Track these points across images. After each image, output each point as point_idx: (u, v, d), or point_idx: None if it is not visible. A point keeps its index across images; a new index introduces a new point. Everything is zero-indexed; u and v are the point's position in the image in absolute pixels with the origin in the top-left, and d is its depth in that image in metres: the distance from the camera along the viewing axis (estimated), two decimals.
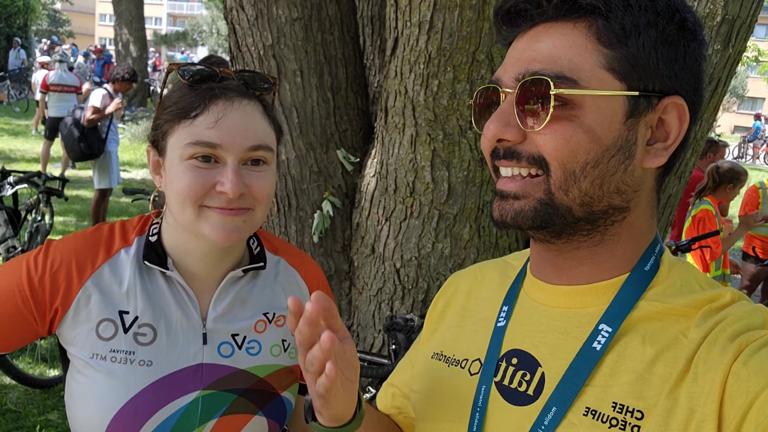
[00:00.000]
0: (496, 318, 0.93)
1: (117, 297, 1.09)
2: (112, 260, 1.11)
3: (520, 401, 0.82)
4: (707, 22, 2.27)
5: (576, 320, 0.83)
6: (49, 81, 10.48)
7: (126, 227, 1.16)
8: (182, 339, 1.11)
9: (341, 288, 2.57)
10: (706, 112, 2.44)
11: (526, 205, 0.79)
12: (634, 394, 0.74)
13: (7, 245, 4.42)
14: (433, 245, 2.29)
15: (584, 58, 0.76)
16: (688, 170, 2.60)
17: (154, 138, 1.10)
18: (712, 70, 2.33)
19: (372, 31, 2.88)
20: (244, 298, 1.17)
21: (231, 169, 1.03)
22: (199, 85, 1.06)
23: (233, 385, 1.12)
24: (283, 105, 2.38)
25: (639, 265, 0.83)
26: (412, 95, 2.17)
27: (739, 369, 0.68)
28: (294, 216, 2.51)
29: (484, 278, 1.04)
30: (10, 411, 3.79)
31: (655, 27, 0.77)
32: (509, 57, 0.83)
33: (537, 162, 0.78)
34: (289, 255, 1.28)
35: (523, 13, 0.80)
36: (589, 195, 0.78)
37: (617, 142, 0.77)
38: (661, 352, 0.75)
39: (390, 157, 2.31)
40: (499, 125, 0.79)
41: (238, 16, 2.34)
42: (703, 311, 0.76)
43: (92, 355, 1.07)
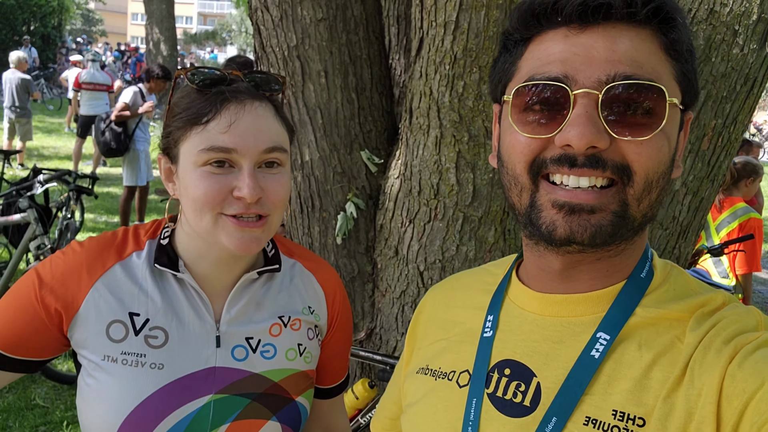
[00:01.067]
0: (482, 328, 0.90)
1: (128, 299, 1.08)
2: (123, 262, 1.11)
3: (516, 413, 0.80)
4: (743, 20, 2.20)
5: (570, 329, 0.81)
6: (81, 79, 10.70)
7: (138, 231, 1.15)
8: (195, 342, 1.09)
9: (364, 290, 2.55)
10: (741, 113, 2.37)
11: (604, 219, 0.75)
12: (633, 401, 0.73)
13: (38, 242, 4.49)
14: (457, 248, 2.26)
15: (662, 67, 0.75)
16: (721, 173, 2.54)
17: (165, 145, 1.10)
18: (748, 70, 2.26)
19: (398, 31, 2.85)
20: (259, 301, 1.16)
21: (247, 173, 1.02)
22: (208, 90, 1.05)
23: (246, 390, 1.11)
24: (308, 106, 2.37)
25: (635, 272, 0.82)
26: (437, 96, 2.14)
27: (734, 371, 0.68)
28: (317, 217, 2.50)
29: (462, 287, 1.01)
30: (38, 406, 3.86)
31: (691, 45, 0.78)
32: (569, 53, 0.75)
33: (620, 171, 0.74)
34: (305, 258, 1.26)
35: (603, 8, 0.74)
36: (651, 206, 0.77)
37: (674, 154, 0.78)
38: (657, 357, 0.75)
39: (414, 158, 2.28)
40: (594, 131, 0.72)
41: (263, 16, 2.33)
42: (696, 315, 0.76)
43: (103, 357, 1.06)
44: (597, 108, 0.73)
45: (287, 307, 1.19)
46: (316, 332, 1.23)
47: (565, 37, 0.76)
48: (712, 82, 2.10)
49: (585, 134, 0.72)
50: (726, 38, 2.09)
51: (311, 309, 1.22)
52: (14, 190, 4.84)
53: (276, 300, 1.18)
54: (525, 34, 0.81)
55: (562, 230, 0.75)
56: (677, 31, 0.75)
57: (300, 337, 1.19)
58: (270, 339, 1.15)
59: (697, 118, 2.13)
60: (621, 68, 0.73)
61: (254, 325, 1.14)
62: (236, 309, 1.13)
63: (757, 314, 0.76)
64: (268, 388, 1.13)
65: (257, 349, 1.14)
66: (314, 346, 1.22)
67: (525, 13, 0.79)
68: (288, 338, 1.17)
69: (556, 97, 0.75)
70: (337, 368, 1.32)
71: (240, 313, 1.13)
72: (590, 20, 0.74)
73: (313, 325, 1.22)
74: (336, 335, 1.27)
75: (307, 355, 1.19)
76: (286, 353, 1.17)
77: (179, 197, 1.09)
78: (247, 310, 1.14)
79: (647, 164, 0.74)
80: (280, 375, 1.15)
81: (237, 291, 1.13)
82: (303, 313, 1.20)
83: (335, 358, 1.29)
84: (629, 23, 0.74)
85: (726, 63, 2.09)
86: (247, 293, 1.15)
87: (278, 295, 1.19)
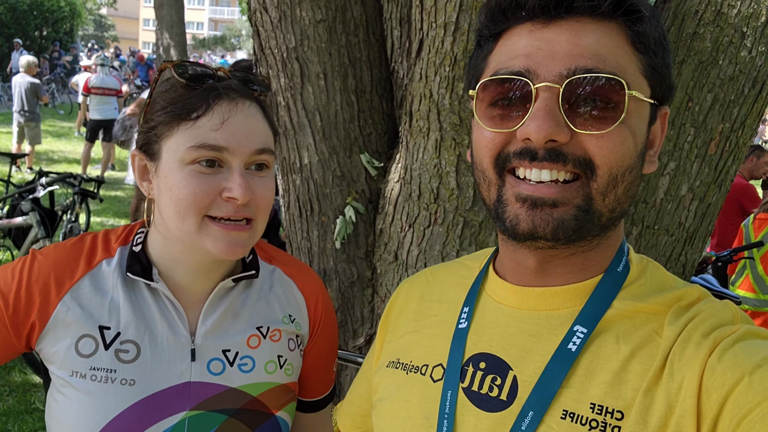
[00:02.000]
0: (457, 320, 0.89)
1: (97, 311, 1.03)
2: (92, 272, 1.06)
3: (492, 407, 0.79)
4: (751, 22, 2.15)
5: (547, 322, 0.81)
6: (90, 84, 10.78)
7: (109, 237, 1.11)
8: (168, 356, 1.05)
9: (363, 295, 2.52)
10: (749, 117, 2.32)
11: (567, 214, 0.74)
12: (611, 394, 0.72)
13: (40, 245, 4.49)
14: (457, 252, 2.22)
15: (627, 61, 0.74)
16: (729, 178, 2.48)
17: (145, 141, 1.05)
18: (756, 73, 2.21)
19: (401, 33, 2.82)
20: (236, 311, 1.11)
21: (238, 173, 0.97)
22: (197, 85, 1.00)
23: (224, 405, 1.06)
24: (306, 108, 2.34)
25: (612, 266, 0.81)
26: (437, 99, 2.11)
27: (714, 364, 0.68)
28: (316, 221, 2.46)
29: (437, 280, 1.00)
30: (38, 410, 3.85)
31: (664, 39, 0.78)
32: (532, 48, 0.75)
33: (582, 165, 0.73)
34: (285, 264, 1.21)
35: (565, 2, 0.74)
36: (619, 201, 0.76)
37: (642, 149, 0.77)
38: (635, 350, 0.74)
39: (414, 162, 2.25)
40: (552, 124, 0.72)
41: (262, 18, 2.31)
42: (673, 309, 0.76)
43: (71, 373, 1.02)
44: (558, 102, 0.73)
45: (266, 316, 1.14)
46: (297, 342, 1.18)
47: (530, 32, 0.76)
48: (719, 85, 2.05)
49: (543, 127, 0.72)
50: (734, 40, 2.05)
51: (292, 317, 1.17)
52: (17, 193, 4.85)
53: (254, 309, 1.13)
54: (494, 30, 0.81)
55: (525, 224, 0.75)
56: (643, 24, 0.75)
57: (280, 348, 1.14)
58: (248, 351, 1.10)
59: (704, 122, 2.08)
60: (582, 62, 0.73)
61: (231, 336, 1.09)
62: (212, 320, 1.08)
63: (732, 308, 0.76)
64: (246, 404, 1.08)
65: (234, 362, 1.08)
66: (296, 357, 1.17)
67: (492, 8, 0.79)
68: (267, 350, 1.12)
69: (519, 91, 0.75)
70: (321, 379, 1.26)
71: (216, 324, 1.08)
72: (554, 14, 0.75)
73: (294, 335, 1.17)
74: (318, 343, 1.22)
75: (288, 367, 1.14)
76: (266, 366, 1.12)
77: (156, 197, 1.04)
78: (223, 320, 1.09)
79: (609, 158, 0.73)
80: (259, 389, 1.10)
81: (212, 300, 1.08)
82: (283, 322, 1.16)
83: (319, 368, 1.24)
84: (594, 17, 0.74)
85: (734, 66, 2.05)
86: (224, 303, 1.10)
87: (256, 304, 1.14)
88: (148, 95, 1.05)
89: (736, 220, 5.19)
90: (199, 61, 4.34)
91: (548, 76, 0.73)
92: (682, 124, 2.03)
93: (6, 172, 7.28)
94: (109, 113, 10.74)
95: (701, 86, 2.01)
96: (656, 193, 2.10)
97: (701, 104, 2.03)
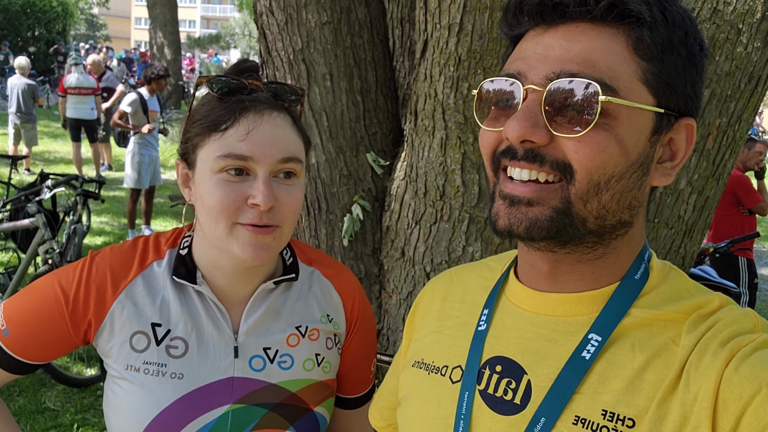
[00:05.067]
0: (477, 322, 0.90)
1: (150, 309, 1.10)
2: (145, 273, 1.12)
3: (506, 410, 0.80)
4: (746, 19, 2.20)
5: (564, 328, 0.81)
6: (66, 85, 10.64)
7: (159, 240, 1.17)
8: (213, 352, 1.11)
9: (371, 291, 2.56)
10: (746, 111, 2.37)
11: (542, 214, 0.75)
12: (624, 401, 0.73)
13: (46, 247, 4.52)
14: (463, 249, 2.27)
15: (623, 68, 0.74)
16: (726, 172, 2.54)
17: (183, 151, 1.11)
18: (752, 68, 2.27)
19: (402, 33, 2.86)
20: (277, 311, 1.17)
21: (262, 180, 1.02)
22: (228, 98, 1.06)
23: (264, 400, 1.12)
24: (313, 109, 2.38)
25: (629, 274, 0.81)
26: (442, 98, 2.15)
27: (731, 375, 0.67)
28: (324, 220, 2.51)
29: (461, 281, 1.01)
30: (49, 409, 3.89)
31: (684, 45, 0.76)
32: (530, 51, 0.77)
33: (561, 168, 0.74)
34: (324, 266, 1.26)
35: (559, 8, 0.75)
36: (606, 209, 0.76)
37: (640, 159, 0.76)
38: (651, 358, 0.74)
39: (420, 160, 2.29)
40: (527, 125, 0.73)
41: (268, 20, 2.35)
42: (692, 317, 0.75)
43: (126, 367, 1.08)
44: (540, 104, 0.74)
45: (305, 316, 1.19)
46: (335, 341, 1.23)
47: (533, 37, 0.78)
48: (716, 80, 2.10)
49: (516, 128, 0.73)
50: (730, 37, 2.10)
51: (330, 317, 1.22)
52: (22, 195, 4.87)
53: (294, 309, 1.18)
54: (510, 35, 0.83)
55: (502, 221, 0.77)
56: (643, 30, 0.73)
57: (318, 347, 1.19)
58: (287, 349, 1.16)
59: (702, 117, 2.13)
60: (569, 66, 0.73)
61: (272, 335, 1.15)
62: (253, 319, 1.14)
63: (753, 316, 0.75)
64: (285, 399, 1.14)
65: (275, 360, 1.14)
66: (333, 355, 1.22)
67: (505, 15, 0.82)
68: (306, 348, 1.18)
69: (510, 92, 0.77)
70: (359, 377, 1.31)
71: (257, 323, 1.14)
72: (551, 20, 0.76)
73: (332, 334, 1.23)
74: (355, 341, 1.27)
75: (326, 365, 1.19)
76: (304, 364, 1.17)
77: (194, 203, 1.10)
78: (264, 320, 1.15)
79: (587, 163, 0.73)
80: (297, 385, 1.15)
81: (254, 301, 1.14)
82: (321, 321, 1.21)
83: (357, 365, 1.29)
84: (592, 22, 0.75)
85: (730, 62, 2.10)
86: (265, 303, 1.15)
87: (296, 304, 1.19)
88: (188, 109, 1.11)
89: (731, 211, 5.25)
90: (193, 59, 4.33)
91: (535, 79, 0.75)
92: None
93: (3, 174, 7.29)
94: (86, 113, 10.60)
95: None
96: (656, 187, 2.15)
97: None
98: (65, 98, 10.73)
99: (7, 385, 4.03)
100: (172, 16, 18.63)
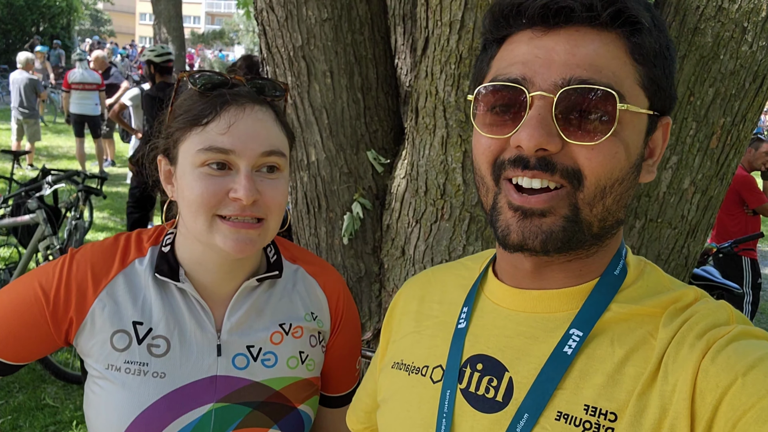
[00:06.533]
0: (456, 321, 0.90)
1: (131, 308, 1.08)
2: (126, 270, 1.11)
3: (488, 408, 0.80)
4: (751, 17, 2.17)
5: (544, 324, 0.81)
6: (70, 80, 10.73)
7: (141, 237, 1.15)
8: (196, 351, 1.09)
9: (371, 290, 2.55)
10: (750, 111, 2.35)
11: (555, 225, 0.75)
12: (605, 395, 0.73)
13: (47, 243, 4.51)
14: (464, 248, 2.26)
15: (624, 72, 0.74)
16: (731, 171, 2.52)
17: (165, 147, 1.10)
18: (757, 67, 2.24)
19: (404, 30, 2.84)
20: (260, 309, 1.15)
21: (244, 174, 1.01)
22: (210, 92, 1.05)
23: (248, 398, 1.11)
24: (313, 106, 2.37)
25: (608, 270, 0.82)
26: (443, 96, 2.13)
27: (707, 366, 0.68)
28: (324, 218, 2.50)
29: (438, 281, 1.01)
30: (48, 406, 3.88)
31: (668, 49, 0.78)
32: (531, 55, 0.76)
33: (569, 176, 0.74)
34: (308, 263, 1.25)
35: (564, 12, 0.74)
36: (609, 211, 0.77)
37: (637, 160, 0.78)
38: (630, 352, 0.75)
39: (420, 158, 2.28)
40: (543, 133, 0.72)
41: (268, 17, 2.33)
42: (669, 311, 0.76)
43: (107, 366, 1.07)
44: (551, 111, 0.73)
45: (289, 313, 1.18)
46: (319, 338, 1.22)
47: (530, 39, 0.77)
48: (720, 79, 2.08)
49: (534, 136, 0.72)
50: (735, 35, 2.07)
51: (314, 315, 1.21)
52: (23, 191, 4.87)
53: (277, 307, 1.17)
54: (497, 35, 0.81)
55: (515, 236, 0.76)
56: (642, 36, 0.74)
57: (302, 344, 1.18)
58: (271, 347, 1.15)
59: (706, 116, 2.11)
60: (578, 72, 0.73)
61: (255, 333, 1.14)
62: (237, 317, 1.12)
63: (728, 308, 0.76)
64: (269, 397, 1.12)
65: (258, 358, 1.13)
66: (317, 352, 1.21)
67: (495, 14, 0.80)
68: (289, 346, 1.16)
69: (515, 98, 0.76)
70: (344, 375, 1.30)
71: (241, 321, 1.13)
72: (553, 23, 0.75)
73: (316, 332, 1.22)
74: (340, 338, 1.26)
75: (310, 363, 1.18)
76: (287, 361, 1.16)
77: (177, 199, 1.09)
78: (247, 318, 1.14)
79: (598, 170, 0.74)
80: (281, 383, 1.14)
81: (237, 299, 1.13)
82: (305, 319, 1.20)
83: (342, 363, 1.28)
84: (593, 26, 0.74)
85: (735, 60, 2.08)
86: (248, 301, 1.14)
87: (279, 302, 1.18)
88: (171, 103, 1.10)
89: (735, 211, 5.22)
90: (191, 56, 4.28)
91: (543, 85, 0.74)
92: (684, 119, 2.06)
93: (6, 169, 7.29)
94: (90, 108, 10.72)
95: (702, 81, 2.04)
96: (659, 187, 2.14)
97: (703, 99, 2.06)
98: (69, 93, 10.78)
99: (6, 381, 4.03)
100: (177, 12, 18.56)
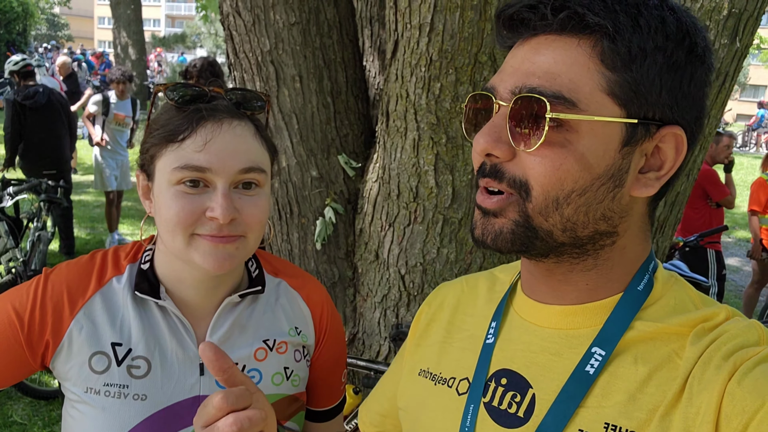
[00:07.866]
0: (485, 335, 0.90)
1: (109, 328, 1.04)
2: (103, 290, 1.07)
3: (510, 423, 0.80)
4: (713, 15, 2.22)
5: (568, 341, 0.80)
6: None
7: (119, 254, 1.11)
8: (178, 371, 1.06)
9: (345, 295, 2.53)
10: (714, 107, 2.39)
11: (504, 226, 0.76)
12: (626, 414, 0.72)
13: (9, 256, 4.39)
14: (438, 251, 2.25)
15: (585, 79, 0.72)
16: (696, 167, 2.56)
17: (142, 162, 1.06)
18: (719, 64, 2.29)
19: (371, 32, 2.83)
20: (243, 325, 1.12)
21: (221, 193, 0.98)
22: (187, 107, 1.01)
23: None
24: (283, 111, 2.34)
25: (632, 285, 0.80)
26: (414, 99, 2.13)
27: (734, 389, 0.66)
28: (296, 223, 2.47)
29: (472, 293, 1.00)
30: (16, 423, 3.77)
31: (662, 51, 0.72)
32: (507, 65, 0.78)
33: (516, 186, 0.74)
34: (290, 276, 1.23)
35: (525, 21, 0.75)
36: (572, 221, 0.75)
37: (609, 171, 0.74)
38: (653, 371, 0.73)
39: (392, 161, 2.27)
40: (490, 140, 0.74)
41: (235, 22, 2.30)
42: (696, 330, 0.74)
43: (86, 390, 1.03)
44: (506, 118, 0.74)
45: (272, 329, 1.15)
46: (303, 353, 1.20)
47: (514, 50, 0.78)
48: None
49: (479, 142, 0.75)
50: None
51: (298, 330, 1.19)
52: None
53: (261, 322, 1.14)
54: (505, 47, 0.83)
55: (477, 231, 0.78)
56: (608, 40, 0.71)
57: (286, 360, 1.15)
58: (255, 364, 1.12)
59: None
60: (530, 80, 0.72)
61: (238, 350, 1.10)
62: (219, 334, 1.09)
63: (759, 328, 0.74)
64: None
65: None
66: (302, 367, 1.19)
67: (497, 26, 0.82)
68: (274, 362, 1.14)
69: (488, 105, 0.78)
70: (330, 389, 1.27)
71: (223, 338, 1.09)
72: (523, 33, 0.76)
73: (301, 346, 1.19)
74: (325, 353, 1.23)
75: (295, 378, 1.16)
76: (272, 378, 1.13)
77: (154, 215, 1.05)
78: (230, 335, 1.10)
79: (542, 180, 0.72)
80: None
81: (219, 316, 1.10)
82: (289, 334, 1.17)
83: (327, 377, 1.26)
84: (559, 33, 0.73)
85: None
86: (230, 317, 1.11)
87: (263, 317, 1.15)
88: (146, 118, 1.06)
89: (699, 204, 5.34)
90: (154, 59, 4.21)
91: (504, 94, 0.75)
92: None
93: None
94: None
95: None
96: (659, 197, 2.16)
97: None
98: None
99: None
100: (136, 15, 18.28)
